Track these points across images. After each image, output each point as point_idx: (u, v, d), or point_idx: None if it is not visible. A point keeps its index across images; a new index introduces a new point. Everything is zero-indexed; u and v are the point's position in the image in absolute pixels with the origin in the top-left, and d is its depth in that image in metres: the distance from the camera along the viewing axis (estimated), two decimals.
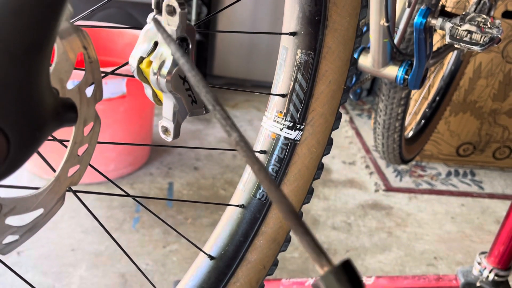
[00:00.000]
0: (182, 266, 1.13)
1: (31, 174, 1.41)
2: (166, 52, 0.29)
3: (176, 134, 0.33)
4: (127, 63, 0.33)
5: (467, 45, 0.58)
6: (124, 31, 1.55)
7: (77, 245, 1.15)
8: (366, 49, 0.81)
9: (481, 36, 0.57)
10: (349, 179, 1.63)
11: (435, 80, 1.30)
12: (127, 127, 1.40)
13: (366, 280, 1.01)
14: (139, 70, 0.31)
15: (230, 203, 0.51)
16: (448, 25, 0.60)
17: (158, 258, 1.14)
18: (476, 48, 0.57)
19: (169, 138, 0.33)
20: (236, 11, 2.09)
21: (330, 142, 0.51)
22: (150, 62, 0.30)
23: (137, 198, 0.41)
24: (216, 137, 1.78)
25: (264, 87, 2.25)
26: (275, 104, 0.49)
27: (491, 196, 1.64)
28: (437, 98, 1.27)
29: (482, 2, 0.97)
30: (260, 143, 0.50)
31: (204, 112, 0.33)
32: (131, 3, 1.90)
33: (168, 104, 0.31)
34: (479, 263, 0.94)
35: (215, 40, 2.16)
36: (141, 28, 0.33)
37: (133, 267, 1.10)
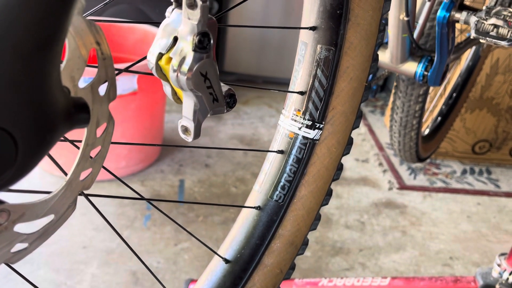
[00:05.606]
0: (194, 265, 1.12)
1: (42, 171, 1.41)
2: (187, 48, 0.27)
3: (197, 134, 0.31)
4: (141, 60, 0.31)
5: (493, 40, 0.55)
6: (135, 27, 1.53)
7: (88, 243, 1.15)
8: (383, 44, 0.79)
9: (508, 31, 0.54)
10: (362, 177, 1.60)
11: (452, 77, 1.27)
12: (138, 124, 1.39)
13: (380, 281, 0.99)
14: (158, 67, 0.29)
15: (245, 204, 0.49)
16: (473, 19, 0.57)
17: (169, 256, 1.13)
18: (503, 43, 0.54)
19: (189, 138, 0.31)
20: (247, 6, 2.07)
21: (350, 142, 0.49)
22: (170, 59, 0.28)
23: (149, 200, 0.39)
24: (227, 134, 1.76)
25: (275, 83, 2.23)
26: (293, 102, 0.47)
27: (508, 195, 1.61)
28: (454, 94, 1.24)
29: None
30: (277, 143, 0.48)
31: (225, 111, 0.31)
32: None
33: (189, 102, 0.30)
34: (498, 265, 0.91)
35: (226, 36, 2.14)
36: (152, 23, 0.31)
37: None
